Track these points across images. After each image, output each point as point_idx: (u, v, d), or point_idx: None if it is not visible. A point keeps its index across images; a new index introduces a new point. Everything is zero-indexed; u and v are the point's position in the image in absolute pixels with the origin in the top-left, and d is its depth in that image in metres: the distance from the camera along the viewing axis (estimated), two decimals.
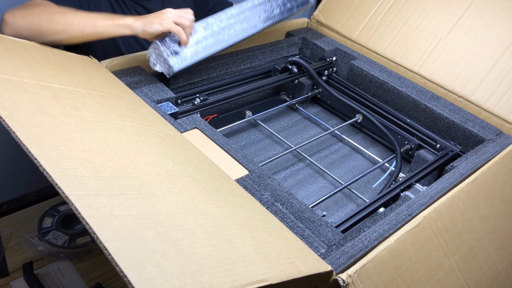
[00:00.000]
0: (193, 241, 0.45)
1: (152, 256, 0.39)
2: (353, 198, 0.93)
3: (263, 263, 0.47)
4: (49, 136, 0.52)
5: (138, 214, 0.45)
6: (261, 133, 1.09)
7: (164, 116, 0.82)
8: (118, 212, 0.43)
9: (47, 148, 0.49)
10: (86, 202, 0.42)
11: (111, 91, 0.76)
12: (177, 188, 0.54)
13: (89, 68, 0.84)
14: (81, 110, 0.63)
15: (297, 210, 0.67)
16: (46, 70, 0.71)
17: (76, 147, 0.52)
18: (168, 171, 0.58)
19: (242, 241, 0.50)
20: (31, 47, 0.80)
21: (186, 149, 0.69)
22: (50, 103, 0.60)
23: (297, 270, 0.50)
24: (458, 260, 0.67)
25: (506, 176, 0.81)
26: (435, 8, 1.13)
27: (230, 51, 1.11)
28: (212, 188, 0.60)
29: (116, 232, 0.40)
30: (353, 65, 1.14)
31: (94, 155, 0.52)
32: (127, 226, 0.42)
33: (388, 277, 0.58)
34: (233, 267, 0.44)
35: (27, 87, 0.62)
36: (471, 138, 0.95)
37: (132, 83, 0.89)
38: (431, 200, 0.72)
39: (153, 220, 0.45)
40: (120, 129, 0.63)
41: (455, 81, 1.04)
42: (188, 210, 0.51)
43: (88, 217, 0.40)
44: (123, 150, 0.57)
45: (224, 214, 0.54)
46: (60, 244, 0.92)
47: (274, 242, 0.54)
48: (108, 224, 0.41)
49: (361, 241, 0.62)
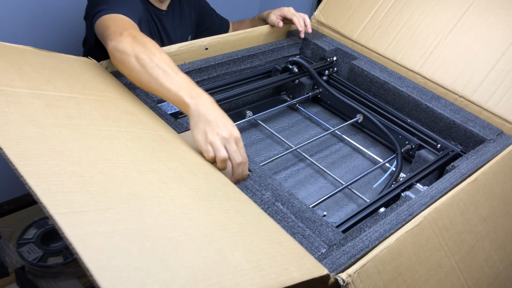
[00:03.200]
0: (181, 254, 0.45)
1: (136, 274, 0.39)
2: (354, 198, 0.93)
3: (254, 273, 0.47)
4: (38, 150, 0.51)
5: (124, 229, 0.44)
6: (261, 133, 1.09)
7: (164, 116, 0.82)
8: (103, 229, 0.43)
9: (34, 164, 0.48)
10: (71, 220, 0.42)
11: (107, 94, 0.76)
12: (168, 197, 0.54)
13: (87, 70, 0.83)
14: (74, 118, 0.62)
15: (297, 210, 0.67)
16: (42, 76, 0.71)
17: (66, 160, 0.51)
18: (161, 178, 0.57)
19: (233, 250, 0.49)
20: (28, 52, 0.79)
21: (183, 152, 0.68)
22: (42, 113, 0.60)
23: (290, 277, 0.49)
24: (458, 260, 0.67)
25: (507, 176, 0.81)
26: (436, 8, 1.13)
27: (229, 51, 1.11)
28: (207, 194, 0.59)
29: (100, 251, 0.40)
30: (353, 65, 1.14)
31: (83, 167, 0.52)
32: (112, 243, 0.41)
33: (388, 276, 0.58)
34: (221, 279, 0.44)
35: (20, 97, 0.61)
36: (471, 138, 0.95)
37: (132, 84, 0.89)
38: (432, 200, 0.72)
39: (140, 235, 0.44)
40: (114, 136, 0.62)
41: (456, 81, 1.04)
42: (178, 220, 0.50)
43: (72, 237, 0.39)
44: (115, 159, 0.57)
45: (216, 222, 0.54)
46: (31, 259, 0.88)
47: (268, 248, 0.54)
48: (92, 242, 0.40)
49: (362, 241, 0.62)
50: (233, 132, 0.71)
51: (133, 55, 0.76)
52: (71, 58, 0.86)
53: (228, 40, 1.11)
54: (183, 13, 1.26)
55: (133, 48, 0.76)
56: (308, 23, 1.20)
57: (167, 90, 0.73)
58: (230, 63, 1.09)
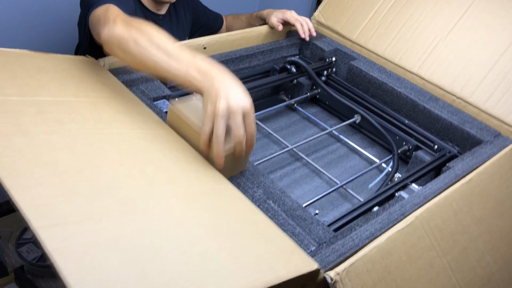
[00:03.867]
0: (162, 260, 0.45)
1: (114, 285, 0.39)
2: (349, 198, 0.93)
3: (238, 274, 0.47)
4: (25, 162, 0.51)
5: (106, 238, 0.44)
6: (259, 132, 1.09)
7: (160, 114, 0.82)
8: (85, 239, 0.43)
9: (21, 176, 0.48)
10: (52, 234, 0.42)
11: (102, 94, 0.76)
12: (154, 201, 0.54)
13: (84, 70, 0.83)
14: (65, 123, 0.62)
15: (289, 208, 0.67)
16: (36, 81, 0.71)
17: (54, 170, 0.51)
18: (149, 181, 0.57)
19: (218, 252, 0.49)
20: (24, 56, 0.79)
21: (176, 150, 0.68)
22: (33, 120, 0.60)
23: (276, 276, 0.49)
24: (450, 260, 0.67)
25: (502, 177, 0.81)
26: (435, 9, 1.12)
27: (229, 51, 1.11)
28: (196, 193, 0.59)
29: (80, 264, 0.40)
30: (352, 65, 1.14)
31: (70, 175, 0.52)
32: (92, 255, 0.41)
33: (378, 275, 0.58)
34: (203, 284, 0.44)
35: (12, 106, 0.61)
36: (469, 139, 0.95)
37: (129, 81, 0.89)
38: (425, 200, 0.71)
39: (121, 243, 0.44)
40: (105, 139, 0.62)
41: (454, 82, 1.04)
42: (162, 225, 0.50)
43: (53, 250, 0.39)
44: (103, 163, 0.57)
45: (202, 224, 0.53)
46: (30, 259, 0.88)
47: (255, 247, 0.54)
48: (71, 255, 0.40)
49: (352, 239, 0.62)
50: (241, 103, 0.65)
51: (131, 39, 0.73)
52: (68, 58, 0.86)
53: (226, 40, 1.11)
54: (179, 16, 1.26)
55: (129, 32, 0.73)
56: (311, 27, 1.20)
57: (175, 73, 0.69)
58: (228, 62, 1.09)
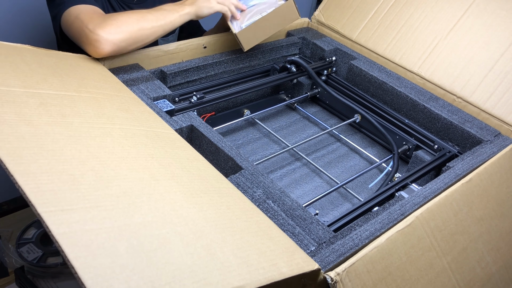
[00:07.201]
0: (168, 251, 0.44)
1: (121, 271, 0.39)
2: (349, 198, 0.93)
3: (241, 269, 0.47)
4: (29, 149, 0.51)
5: (112, 226, 0.44)
6: (259, 132, 1.09)
7: (160, 113, 0.82)
8: (91, 226, 0.43)
9: (25, 163, 0.48)
10: (58, 218, 0.42)
11: (103, 91, 0.76)
12: (158, 194, 0.54)
13: (84, 67, 0.83)
14: (68, 116, 0.62)
15: (288, 207, 0.67)
16: (37, 75, 0.71)
17: (57, 158, 0.51)
18: (153, 175, 0.57)
19: (222, 246, 0.49)
20: (25, 50, 0.79)
21: (177, 148, 0.69)
22: (36, 111, 0.60)
23: (279, 272, 0.49)
24: (450, 261, 0.67)
25: (502, 177, 0.80)
26: (435, 9, 1.12)
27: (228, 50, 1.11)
28: (198, 190, 0.59)
29: (86, 249, 0.40)
30: (352, 65, 1.14)
31: (74, 165, 0.52)
32: (99, 241, 0.41)
33: (378, 276, 0.58)
34: (208, 275, 0.44)
35: (15, 97, 0.61)
36: (469, 139, 0.94)
37: (129, 80, 0.89)
38: (425, 200, 0.71)
39: (127, 232, 0.44)
40: (107, 133, 0.62)
41: (454, 82, 1.03)
42: (167, 217, 0.50)
43: (59, 235, 0.40)
44: (107, 156, 0.57)
45: (206, 218, 0.53)
46: (30, 259, 0.88)
47: (258, 244, 0.54)
48: (78, 240, 0.40)
49: (352, 239, 0.62)
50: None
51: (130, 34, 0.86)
52: (69, 55, 0.86)
53: (226, 39, 1.11)
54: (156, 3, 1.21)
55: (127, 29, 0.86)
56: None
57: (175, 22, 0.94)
58: (228, 61, 1.09)
